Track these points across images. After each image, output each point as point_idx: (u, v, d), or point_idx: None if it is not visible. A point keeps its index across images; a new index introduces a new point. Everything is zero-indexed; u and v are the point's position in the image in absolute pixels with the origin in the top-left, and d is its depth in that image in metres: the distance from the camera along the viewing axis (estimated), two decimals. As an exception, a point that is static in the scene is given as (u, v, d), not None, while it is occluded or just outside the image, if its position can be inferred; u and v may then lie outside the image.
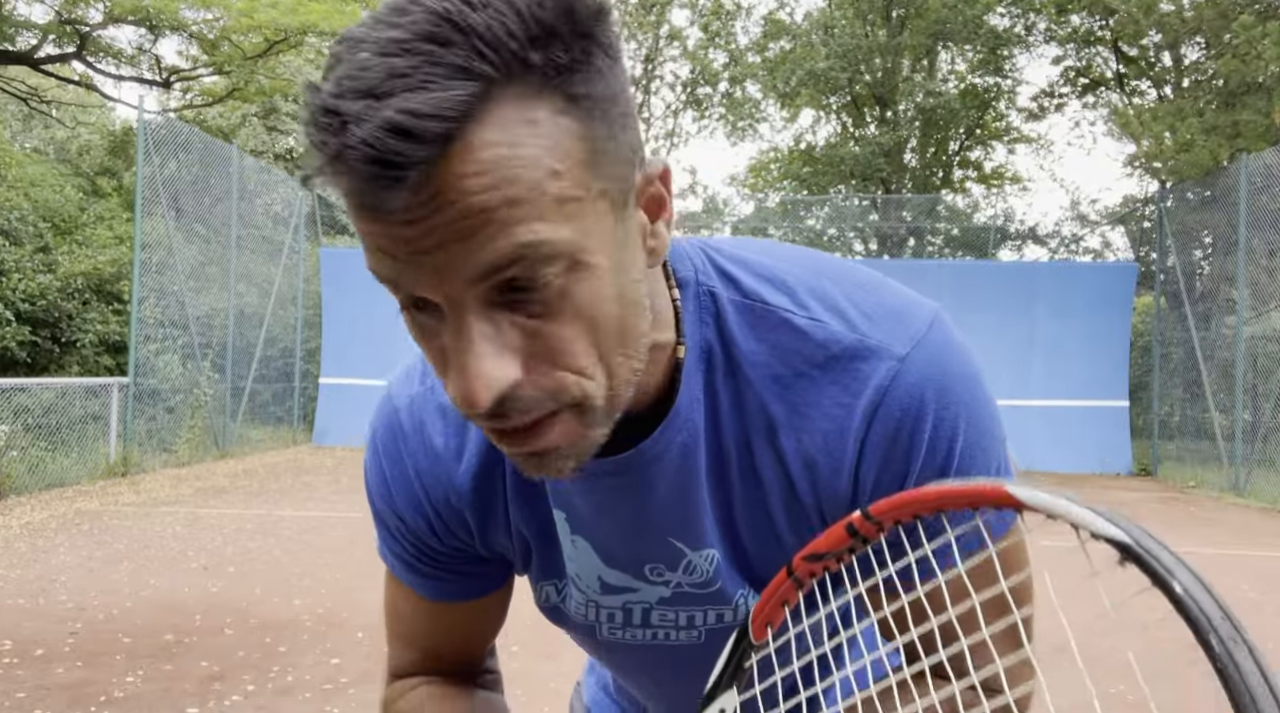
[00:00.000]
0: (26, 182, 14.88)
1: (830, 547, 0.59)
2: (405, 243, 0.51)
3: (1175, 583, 0.40)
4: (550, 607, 0.85)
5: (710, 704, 0.65)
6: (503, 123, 0.50)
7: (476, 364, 0.53)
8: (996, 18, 20.99)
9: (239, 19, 13.51)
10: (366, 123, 0.47)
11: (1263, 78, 14.48)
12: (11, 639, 4.38)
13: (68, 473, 9.62)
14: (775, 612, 0.63)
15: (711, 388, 0.69)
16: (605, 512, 0.73)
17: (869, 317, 0.68)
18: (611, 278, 0.56)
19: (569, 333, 0.55)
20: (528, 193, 0.50)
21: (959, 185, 24.24)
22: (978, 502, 0.51)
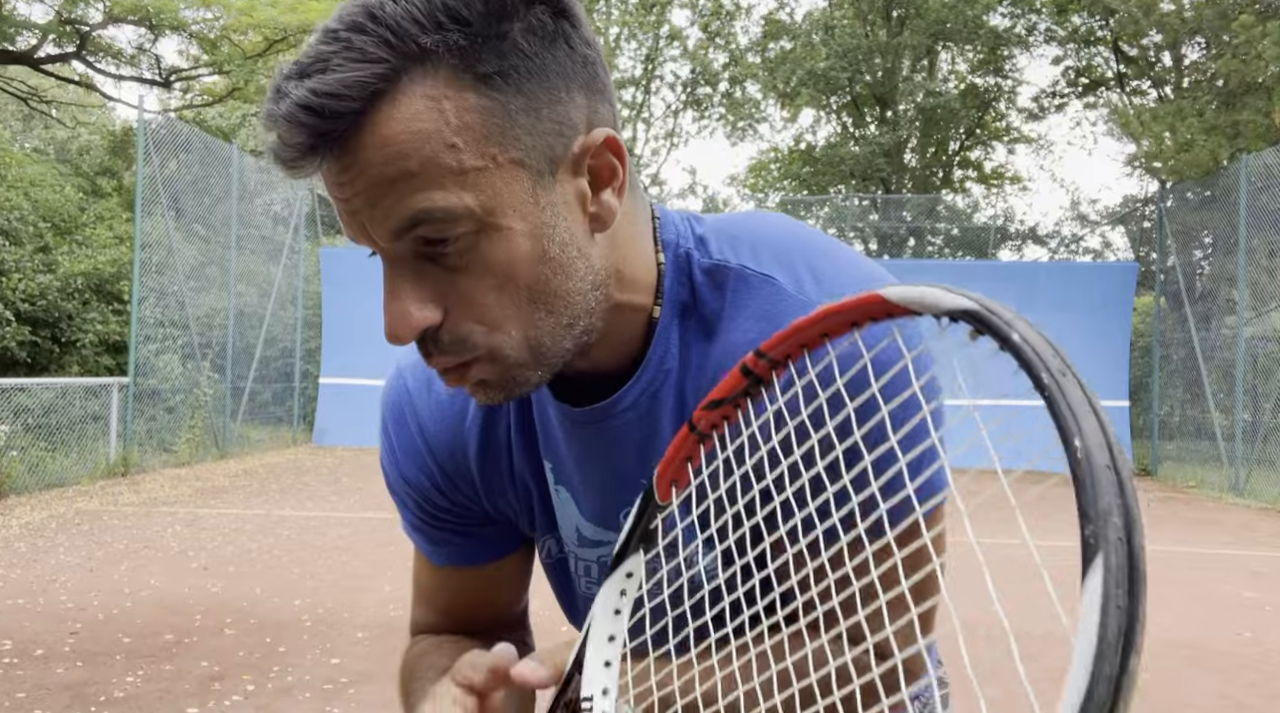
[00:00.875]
0: (26, 181, 14.88)
1: (727, 391, 0.60)
2: (339, 202, 0.61)
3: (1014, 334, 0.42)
4: (551, 563, 0.89)
5: (618, 567, 0.67)
6: (406, 102, 0.57)
7: (396, 305, 0.61)
8: (997, 18, 20.99)
9: (238, 18, 13.50)
10: (290, 98, 0.56)
11: (1263, 78, 14.47)
12: (11, 639, 4.38)
13: (68, 473, 9.62)
14: (680, 471, 0.64)
15: (685, 344, 0.74)
16: (582, 462, 0.78)
17: (816, 278, 0.72)
18: (527, 240, 0.61)
19: (481, 287, 0.61)
20: (421, 167, 0.57)
21: (959, 185, 24.24)
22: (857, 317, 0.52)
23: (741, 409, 0.61)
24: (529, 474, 0.83)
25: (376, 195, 0.58)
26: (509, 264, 0.61)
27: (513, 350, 0.64)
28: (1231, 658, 4.54)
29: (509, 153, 0.59)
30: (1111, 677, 0.31)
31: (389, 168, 0.57)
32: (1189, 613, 5.37)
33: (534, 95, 0.60)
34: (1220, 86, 15.74)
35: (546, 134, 0.61)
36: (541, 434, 0.81)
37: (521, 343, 0.64)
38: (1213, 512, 9.89)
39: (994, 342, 0.43)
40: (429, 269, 0.61)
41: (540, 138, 0.60)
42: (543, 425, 0.81)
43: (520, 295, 0.63)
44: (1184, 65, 18.47)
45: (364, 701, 3.72)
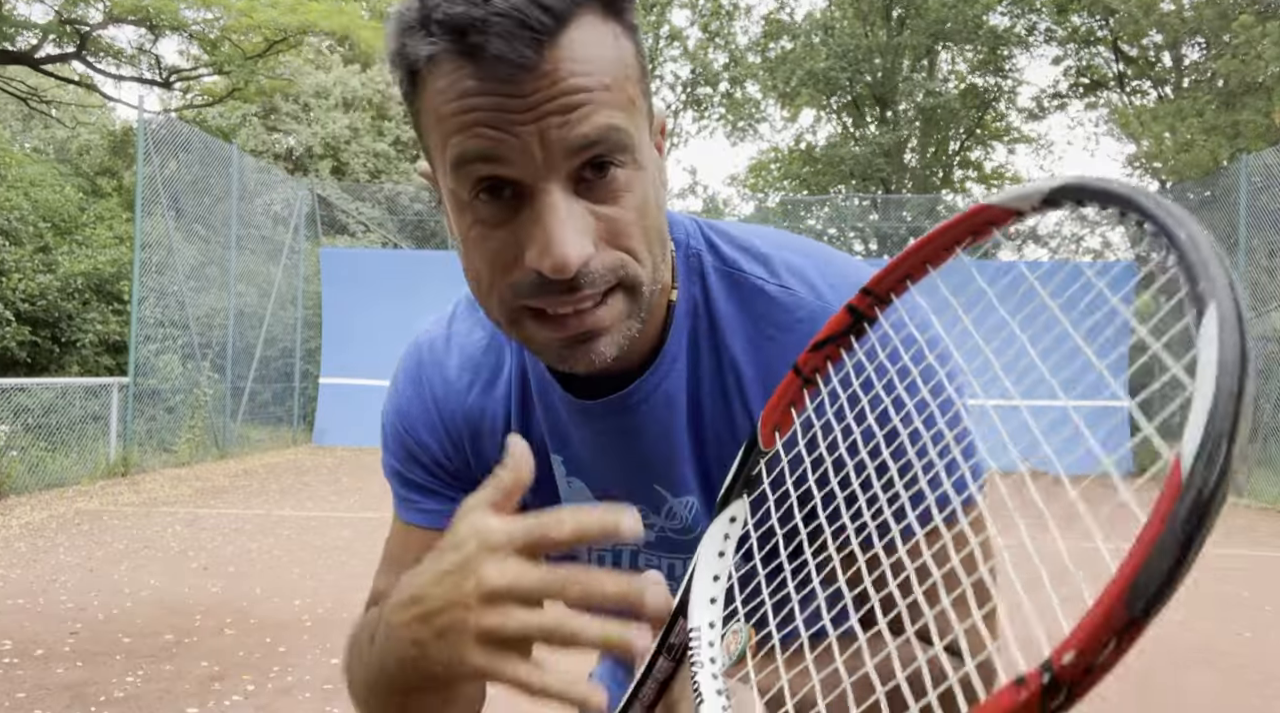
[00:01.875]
0: (26, 181, 14.88)
1: (833, 330, 0.62)
2: (514, 114, 0.59)
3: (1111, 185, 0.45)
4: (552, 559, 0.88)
5: (722, 511, 0.68)
6: (592, 27, 0.60)
7: (567, 233, 0.60)
8: (996, 18, 20.99)
9: (239, 18, 13.50)
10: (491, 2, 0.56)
11: (1263, 78, 14.48)
12: (11, 639, 4.38)
13: (68, 473, 9.62)
14: (784, 417, 0.65)
15: (695, 344, 0.76)
16: (599, 452, 0.79)
17: (834, 287, 0.74)
18: (653, 183, 0.65)
19: (629, 218, 0.63)
20: (614, 84, 0.60)
21: (959, 185, 24.23)
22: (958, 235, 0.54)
23: (846, 348, 0.62)
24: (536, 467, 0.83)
25: (568, 105, 0.58)
26: (646, 201, 0.64)
27: (646, 285, 0.66)
28: (1232, 658, 4.54)
29: (647, 101, 0.65)
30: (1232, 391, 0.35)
31: (589, 79, 0.59)
32: (1189, 613, 5.36)
33: (645, 56, 0.66)
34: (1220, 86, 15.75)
35: (650, 95, 0.66)
36: (547, 428, 0.81)
37: (652, 278, 0.66)
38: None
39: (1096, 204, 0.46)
40: (578, 202, 0.62)
41: (650, 97, 0.66)
42: (548, 419, 0.81)
43: (651, 233, 0.65)
44: (1184, 65, 18.47)
45: (364, 701, 3.72)
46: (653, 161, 0.66)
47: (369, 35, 14.95)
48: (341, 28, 14.29)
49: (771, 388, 0.71)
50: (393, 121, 22.49)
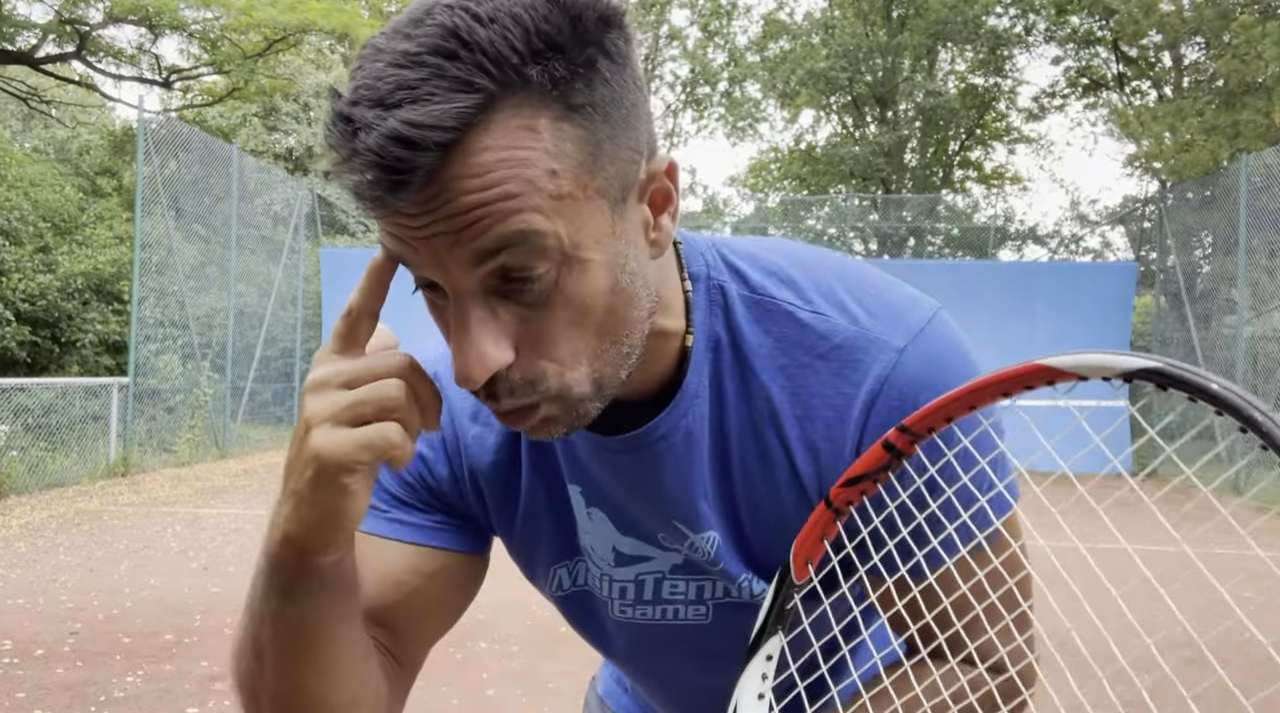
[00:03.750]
0: (26, 181, 14.87)
1: (867, 468, 0.62)
2: (411, 232, 0.56)
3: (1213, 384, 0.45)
4: (563, 595, 0.87)
5: (757, 652, 0.67)
6: (502, 131, 0.54)
7: (472, 347, 0.58)
8: (996, 18, 20.99)
9: (238, 18, 13.50)
10: (375, 131, 0.52)
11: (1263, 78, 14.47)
12: (11, 639, 4.38)
13: (68, 473, 9.61)
14: (815, 548, 0.65)
15: (718, 378, 0.73)
16: (618, 487, 0.77)
17: (870, 311, 0.71)
18: (604, 272, 0.59)
19: (557, 325, 0.59)
20: (522, 188, 0.54)
21: (959, 185, 24.24)
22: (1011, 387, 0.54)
23: (881, 482, 0.63)
24: (543, 502, 0.81)
25: (467, 221, 0.55)
26: (586, 298, 0.59)
27: (580, 387, 0.62)
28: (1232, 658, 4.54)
29: (596, 182, 0.57)
30: None
31: (488, 192, 0.54)
32: (1189, 613, 5.37)
33: (615, 123, 0.58)
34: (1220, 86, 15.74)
35: (623, 162, 0.59)
36: (565, 460, 0.79)
37: (587, 377, 0.62)
38: (1213, 512, 9.88)
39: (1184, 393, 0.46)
40: (499, 306, 0.58)
41: (619, 165, 0.59)
42: (565, 451, 0.78)
43: (591, 330, 0.60)
44: (1184, 65, 18.47)
45: (364, 701, 3.72)
46: (625, 234, 0.60)
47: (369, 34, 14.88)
48: (341, 27, 14.29)
49: (809, 419, 0.71)
50: (393, 121, 22.45)
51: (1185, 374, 0.46)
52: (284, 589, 0.63)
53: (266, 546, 0.62)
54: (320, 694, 0.68)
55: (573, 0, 0.55)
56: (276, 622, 0.65)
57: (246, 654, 0.68)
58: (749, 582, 0.77)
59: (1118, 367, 0.49)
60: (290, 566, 0.62)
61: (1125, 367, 0.48)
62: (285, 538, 0.60)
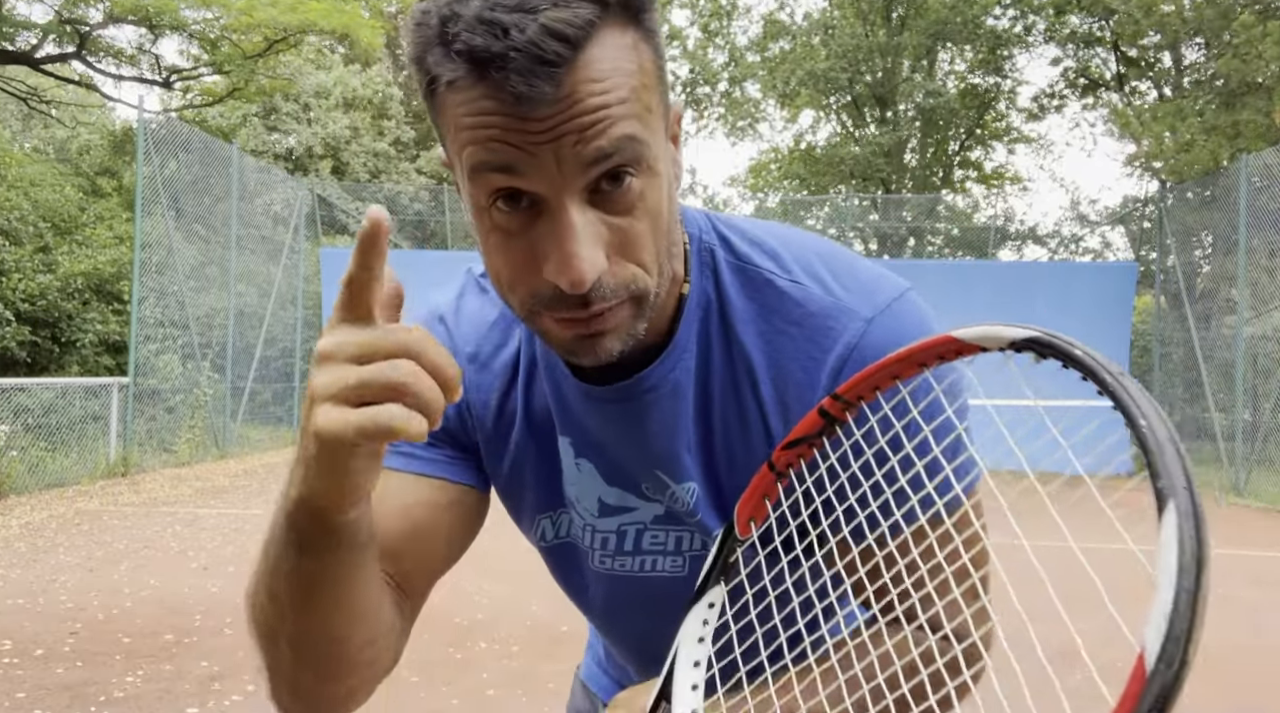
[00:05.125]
0: (26, 181, 14.87)
1: (805, 431, 0.67)
2: (533, 135, 0.60)
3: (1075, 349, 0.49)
4: (546, 547, 0.91)
5: (700, 599, 0.71)
6: (611, 41, 0.61)
7: (582, 249, 0.62)
8: (995, 18, 20.98)
9: (238, 18, 13.50)
10: (528, 28, 0.58)
11: (1263, 78, 14.47)
12: (11, 639, 4.39)
13: (68, 473, 9.61)
14: (758, 507, 0.70)
15: (705, 336, 0.78)
16: (606, 437, 0.81)
17: (844, 285, 0.76)
18: (666, 187, 0.67)
19: (641, 229, 0.65)
20: (629, 95, 0.62)
21: (959, 185, 24.23)
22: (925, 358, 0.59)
23: (817, 447, 0.68)
24: (531, 450, 0.85)
25: (592, 120, 0.60)
26: (657, 207, 0.66)
27: (653, 293, 0.68)
28: (1231, 658, 4.54)
29: (662, 104, 0.66)
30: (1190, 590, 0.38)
31: (606, 95, 0.60)
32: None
33: (663, 54, 0.67)
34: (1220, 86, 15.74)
35: (668, 93, 0.68)
36: (557, 411, 0.83)
37: (657, 286, 0.68)
38: (1212, 512, 9.88)
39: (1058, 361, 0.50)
40: (592, 213, 0.63)
41: (667, 95, 0.68)
42: (557, 403, 0.82)
43: (662, 240, 0.67)
44: (1184, 65, 18.46)
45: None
46: (668, 161, 0.68)
47: (369, 34, 14.95)
48: (341, 27, 14.29)
49: (783, 381, 0.76)
50: (393, 121, 22.48)
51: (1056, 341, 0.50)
52: (300, 545, 0.63)
53: (283, 503, 0.62)
54: (338, 633, 0.69)
55: None
56: (293, 574, 0.65)
57: (262, 599, 0.69)
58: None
59: (1005, 337, 0.53)
60: (306, 523, 0.62)
61: (1011, 337, 0.53)
62: (300, 498, 0.60)
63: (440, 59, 0.61)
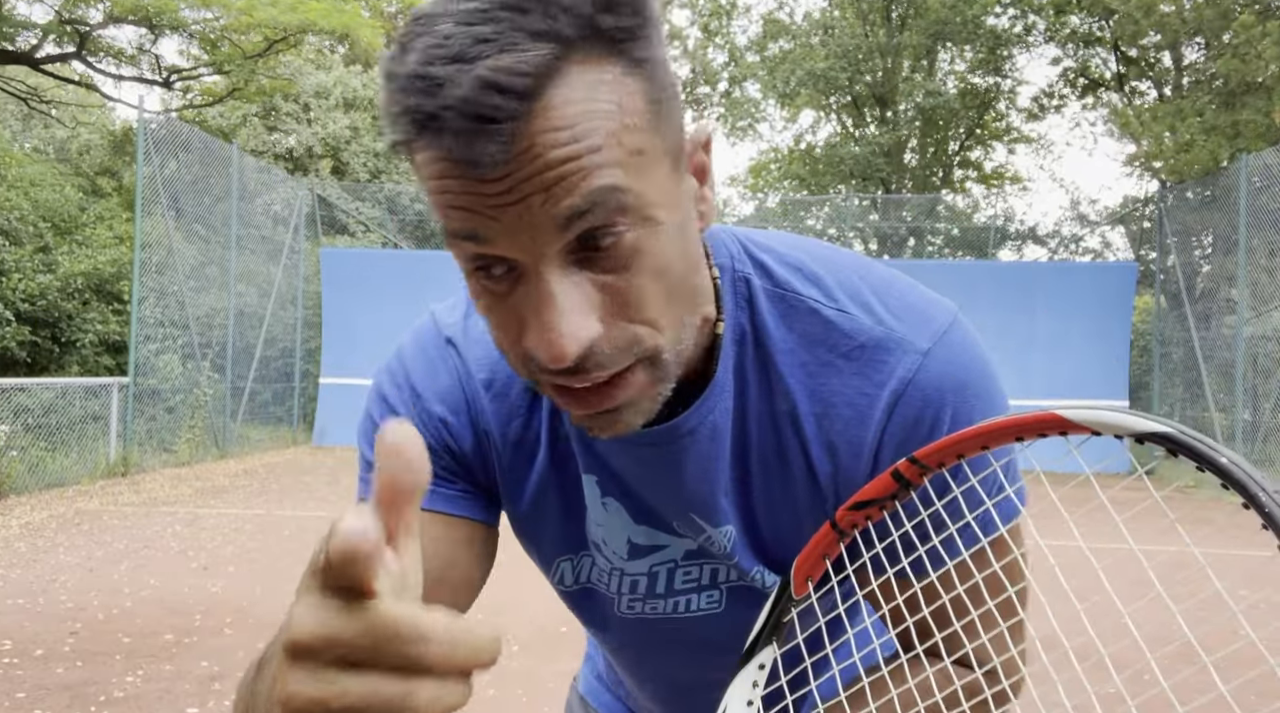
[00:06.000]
0: (26, 181, 14.87)
1: (876, 494, 0.63)
2: (492, 198, 0.54)
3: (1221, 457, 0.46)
4: (566, 590, 0.85)
5: (750, 660, 0.68)
6: (579, 81, 0.53)
7: (562, 320, 0.55)
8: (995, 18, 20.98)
9: (238, 18, 13.50)
10: (461, 83, 0.50)
11: (1263, 78, 14.47)
12: (11, 639, 4.39)
13: (68, 473, 9.61)
14: (816, 566, 0.67)
15: (741, 371, 0.72)
16: (637, 479, 0.75)
17: (894, 312, 0.71)
18: (675, 235, 0.59)
19: (641, 285, 0.57)
20: (604, 141, 0.54)
21: (959, 185, 24.23)
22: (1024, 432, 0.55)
23: (887, 510, 0.64)
24: (554, 491, 0.79)
25: (557, 176, 0.53)
26: (662, 260, 0.58)
27: (669, 353, 0.61)
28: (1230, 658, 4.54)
29: (660, 141, 0.58)
30: None
31: (575, 145, 0.53)
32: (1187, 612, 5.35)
33: (668, 85, 0.58)
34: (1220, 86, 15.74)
35: (676, 126, 0.60)
36: (580, 449, 0.77)
37: (674, 344, 0.61)
38: (1212, 512, 9.89)
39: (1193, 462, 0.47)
40: (580, 276, 0.57)
41: (674, 129, 0.59)
42: (580, 440, 0.76)
43: (671, 293, 0.60)
44: (1184, 65, 18.46)
45: (364, 701, 3.72)
46: (679, 203, 0.60)
47: (369, 34, 14.95)
48: (341, 27, 14.29)
49: (828, 418, 0.71)
50: (393, 121, 22.42)
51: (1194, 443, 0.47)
52: None
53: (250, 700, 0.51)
54: None
55: None
56: None
57: None
58: (761, 574, 0.77)
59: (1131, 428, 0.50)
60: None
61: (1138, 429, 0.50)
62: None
63: (387, 120, 0.55)
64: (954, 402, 0.69)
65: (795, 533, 0.74)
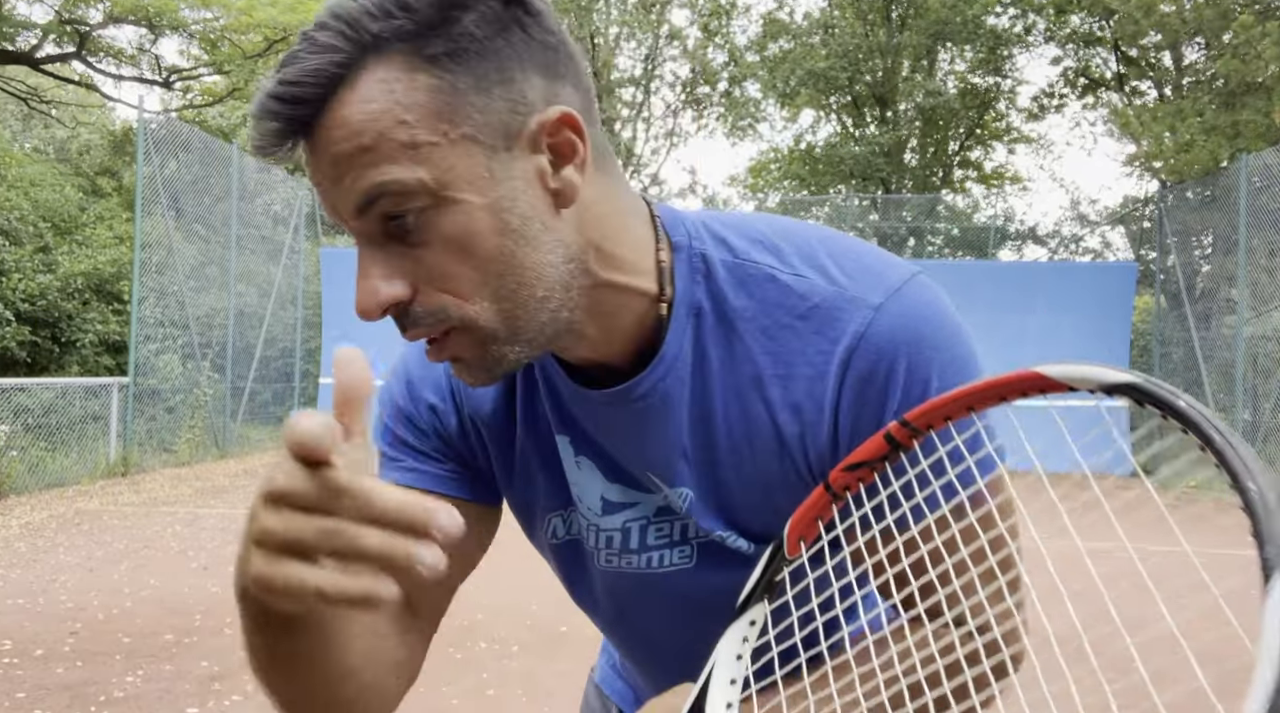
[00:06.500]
0: (26, 181, 14.87)
1: (868, 456, 0.65)
2: (315, 184, 0.65)
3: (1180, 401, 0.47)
4: (557, 544, 0.89)
5: (742, 615, 0.70)
6: (361, 85, 0.62)
7: (365, 281, 0.65)
8: (996, 18, 20.98)
9: (238, 18, 13.51)
10: (263, 90, 0.62)
11: (1263, 78, 14.47)
12: (11, 639, 4.39)
13: (68, 473, 9.62)
14: (810, 528, 0.69)
15: (701, 343, 0.75)
16: (603, 435, 0.81)
17: (848, 273, 0.74)
18: (485, 213, 0.64)
19: (443, 260, 0.64)
20: (375, 142, 0.61)
21: (959, 185, 24.23)
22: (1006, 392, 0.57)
23: (879, 471, 0.66)
24: (533, 450, 0.85)
25: (340, 173, 0.62)
26: (468, 236, 0.64)
27: (487, 321, 0.66)
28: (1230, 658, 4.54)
29: (460, 128, 0.63)
30: None
31: (347, 145, 0.61)
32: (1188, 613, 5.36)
33: (484, 75, 0.63)
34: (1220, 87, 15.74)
35: (499, 111, 0.64)
36: (553, 411, 0.82)
37: (495, 314, 0.66)
38: (1213, 512, 9.89)
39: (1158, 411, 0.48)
40: (395, 247, 0.64)
41: (492, 114, 0.63)
42: (553, 403, 0.82)
43: (487, 267, 0.65)
44: (1184, 65, 18.46)
45: (364, 701, 3.72)
46: (502, 179, 0.64)
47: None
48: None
49: (791, 379, 0.74)
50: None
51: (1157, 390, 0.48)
52: (257, 625, 0.64)
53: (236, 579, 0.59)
54: (320, 698, 0.72)
55: None
56: (256, 650, 0.67)
57: (249, 663, 0.70)
58: (730, 538, 0.79)
59: (1100, 380, 0.51)
60: (256, 609, 0.62)
61: (1108, 380, 0.50)
62: (244, 587, 0.58)
63: None
64: (908, 354, 0.70)
65: (766, 496, 0.77)
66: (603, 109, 26.23)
